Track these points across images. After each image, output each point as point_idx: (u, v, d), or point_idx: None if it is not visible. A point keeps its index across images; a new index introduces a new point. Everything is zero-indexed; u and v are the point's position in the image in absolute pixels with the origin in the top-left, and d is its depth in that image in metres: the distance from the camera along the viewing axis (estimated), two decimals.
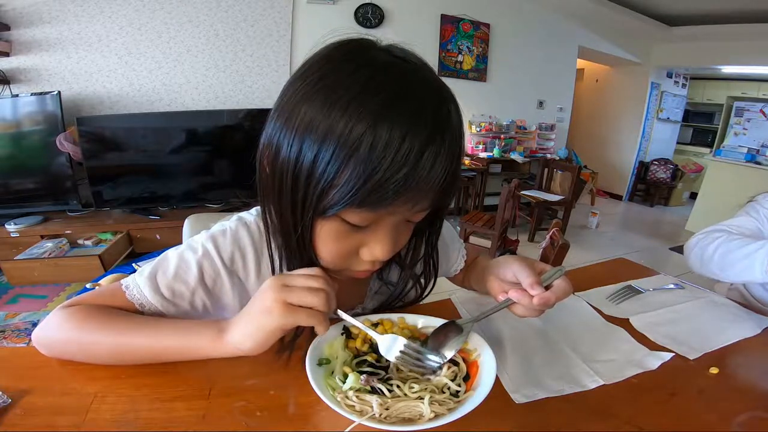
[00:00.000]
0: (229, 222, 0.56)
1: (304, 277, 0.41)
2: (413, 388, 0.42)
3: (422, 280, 0.61)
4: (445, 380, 0.43)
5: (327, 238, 0.44)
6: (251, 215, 0.57)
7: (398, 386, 0.41)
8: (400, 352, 0.44)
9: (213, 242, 0.53)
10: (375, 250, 0.44)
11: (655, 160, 5.45)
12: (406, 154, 0.35)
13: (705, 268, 0.87)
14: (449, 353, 0.46)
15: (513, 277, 0.49)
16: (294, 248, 0.46)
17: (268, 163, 0.44)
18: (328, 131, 0.36)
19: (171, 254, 0.52)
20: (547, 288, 0.45)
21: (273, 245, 0.50)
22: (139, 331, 0.45)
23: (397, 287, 0.59)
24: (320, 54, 0.41)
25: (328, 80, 0.38)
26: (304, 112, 0.38)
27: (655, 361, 0.53)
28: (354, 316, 0.60)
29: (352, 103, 0.36)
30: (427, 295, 0.64)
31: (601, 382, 0.49)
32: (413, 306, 0.67)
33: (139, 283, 0.49)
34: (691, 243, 0.93)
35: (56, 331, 0.47)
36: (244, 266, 0.54)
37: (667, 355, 0.53)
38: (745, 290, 0.98)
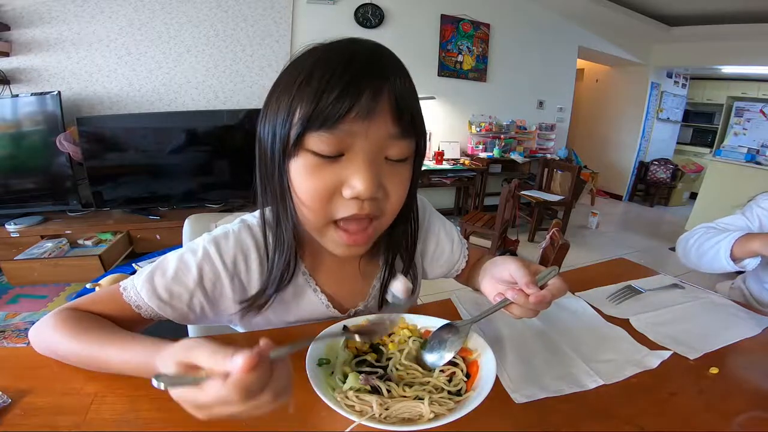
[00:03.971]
0: (232, 225, 0.56)
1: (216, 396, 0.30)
2: (412, 387, 0.42)
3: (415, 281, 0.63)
4: (443, 380, 0.43)
5: (302, 177, 0.44)
6: (254, 217, 0.57)
7: (397, 385, 0.41)
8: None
9: (215, 245, 0.53)
10: (354, 182, 0.43)
11: (655, 160, 5.44)
12: (342, 68, 0.41)
13: (686, 259, 0.94)
14: (448, 355, 0.46)
15: (509, 277, 0.49)
16: (281, 221, 0.50)
17: (258, 158, 0.50)
18: (283, 94, 0.44)
19: (171, 257, 0.52)
20: (542, 288, 0.45)
21: (270, 241, 0.53)
22: (109, 345, 0.44)
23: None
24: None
25: (287, 69, 0.46)
26: (271, 101, 0.46)
27: (654, 359, 0.53)
28: (356, 314, 0.61)
29: (300, 67, 0.44)
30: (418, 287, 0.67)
31: (601, 382, 0.49)
32: (413, 306, 0.68)
33: (136, 285, 0.49)
34: (680, 237, 0.99)
35: (44, 334, 0.47)
36: (247, 269, 0.54)
37: (667, 353, 0.53)
38: (746, 290, 0.99)
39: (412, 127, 0.46)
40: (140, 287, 0.49)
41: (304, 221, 0.49)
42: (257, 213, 0.57)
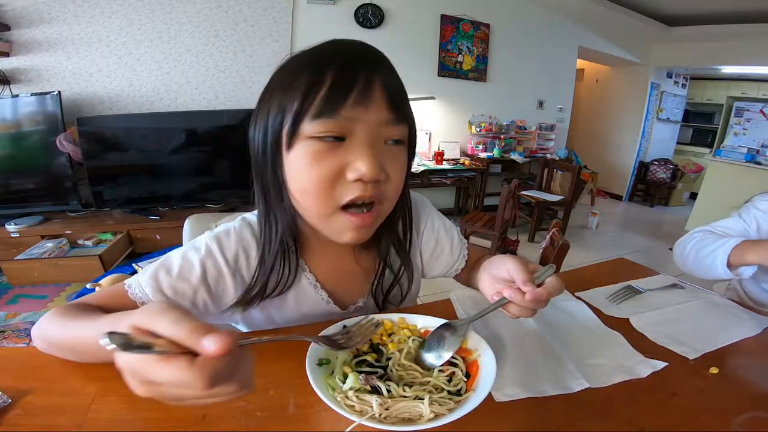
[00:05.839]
0: (233, 223, 0.57)
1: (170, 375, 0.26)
2: (412, 387, 0.42)
3: (412, 276, 0.64)
4: (443, 380, 0.43)
5: (305, 164, 0.45)
6: (255, 216, 0.58)
7: (397, 385, 0.41)
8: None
9: (217, 242, 0.54)
10: (358, 164, 0.44)
11: (655, 160, 5.44)
12: (336, 60, 0.44)
13: (684, 265, 0.92)
14: (447, 355, 0.46)
15: (506, 275, 0.49)
16: (273, 220, 0.52)
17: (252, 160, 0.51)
18: (275, 94, 0.46)
19: (174, 254, 0.53)
20: (539, 287, 0.45)
21: (265, 247, 0.54)
22: (87, 321, 0.43)
23: (399, 271, 0.63)
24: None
25: (276, 74, 0.49)
26: (262, 104, 0.48)
27: (646, 368, 0.52)
28: (356, 310, 0.63)
29: (289, 68, 0.47)
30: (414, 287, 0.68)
31: (587, 386, 0.48)
32: (414, 306, 0.68)
33: (141, 282, 0.50)
34: (678, 242, 0.97)
35: (41, 326, 0.47)
36: (248, 265, 0.55)
37: (660, 364, 0.53)
38: (742, 290, 0.99)
39: (404, 113, 0.48)
40: (145, 284, 0.50)
41: (306, 213, 0.50)
42: (257, 211, 0.58)
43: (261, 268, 0.54)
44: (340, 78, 0.43)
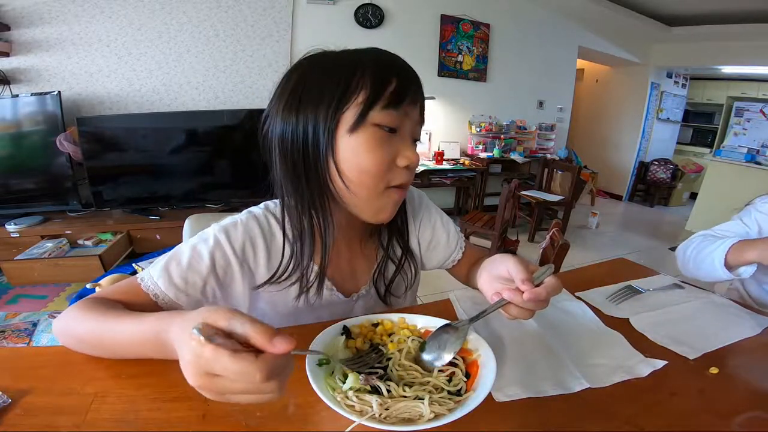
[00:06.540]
0: (240, 215, 0.59)
1: (235, 373, 0.29)
2: (412, 387, 0.42)
3: (412, 265, 0.68)
4: (443, 380, 0.43)
5: (368, 148, 0.50)
6: (260, 209, 0.61)
7: (397, 385, 0.41)
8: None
9: (225, 233, 0.55)
10: (408, 152, 0.52)
11: (655, 160, 5.44)
12: (397, 64, 0.52)
13: (685, 269, 0.92)
14: (448, 356, 0.46)
15: (506, 273, 0.49)
16: (317, 193, 0.53)
17: (280, 154, 0.52)
18: (327, 86, 0.49)
19: (183, 247, 0.54)
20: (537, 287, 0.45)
21: (288, 229, 0.57)
22: (125, 317, 0.44)
23: (401, 259, 0.66)
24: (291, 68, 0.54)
25: (314, 69, 0.51)
26: (305, 96, 0.50)
27: (646, 368, 0.52)
28: (358, 300, 0.65)
29: (338, 64, 0.51)
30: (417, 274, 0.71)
31: (587, 386, 0.48)
32: (414, 306, 0.68)
33: (153, 275, 0.51)
34: (678, 248, 0.97)
35: (65, 320, 0.48)
36: (255, 256, 0.57)
37: (660, 363, 0.53)
38: (743, 290, 0.99)
39: (425, 117, 0.57)
40: (157, 277, 0.51)
41: (357, 190, 0.52)
42: (261, 205, 0.61)
43: (301, 250, 0.57)
44: (404, 79, 0.51)
